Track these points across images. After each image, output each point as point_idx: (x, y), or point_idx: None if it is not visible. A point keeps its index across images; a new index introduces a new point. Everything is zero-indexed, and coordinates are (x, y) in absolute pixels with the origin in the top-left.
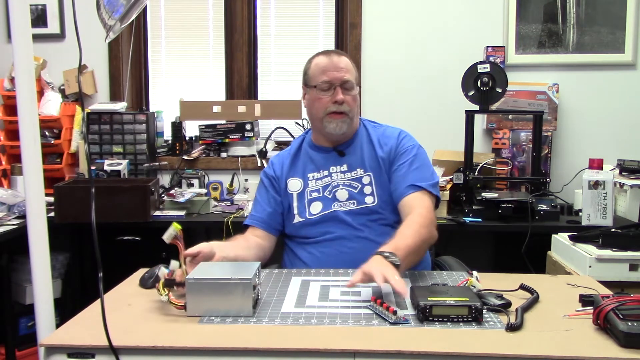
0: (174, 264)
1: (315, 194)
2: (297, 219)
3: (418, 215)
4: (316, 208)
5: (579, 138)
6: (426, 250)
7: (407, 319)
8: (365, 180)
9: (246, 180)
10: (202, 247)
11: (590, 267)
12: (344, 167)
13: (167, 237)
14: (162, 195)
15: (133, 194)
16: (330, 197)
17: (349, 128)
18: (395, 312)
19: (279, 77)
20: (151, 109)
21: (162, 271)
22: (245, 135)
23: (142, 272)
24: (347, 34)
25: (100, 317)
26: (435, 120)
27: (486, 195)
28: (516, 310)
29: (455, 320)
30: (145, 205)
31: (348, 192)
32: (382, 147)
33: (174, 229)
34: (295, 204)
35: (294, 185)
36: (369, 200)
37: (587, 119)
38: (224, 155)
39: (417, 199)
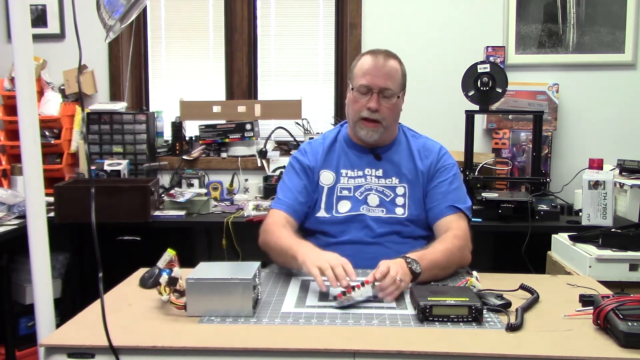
0: (167, 255)
1: (345, 192)
2: (323, 214)
3: (454, 236)
4: (344, 207)
5: (579, 138)
6: (454, 270)
7: (348, 301)
8: (399, 190)
9: (246, 180)
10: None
11: (590, 267)
12: (379, 172)
13: (161, 262)
14: (162, 195)
15: (133, 194)
16: (360, 198)
17: (381, 137)
18: (344, 294)
19: (279, 77)
20: (151, 109)
21: (164, 277)
22: (245, 135)
23: (142, 272)
24: (347, 34)
25: (100, 317)
26: (435, 120)
27: (486, 195)
28: (516, 310)
29: (455, 320)
30: (145, 205)
31: (379, 199)
32: (423, 160)
33: (169, 254)
34: (323, 198)
35: (327, 178)
36: (399, 211)
37: (587, 119)
38: (224, 155)
39: (455, 221)
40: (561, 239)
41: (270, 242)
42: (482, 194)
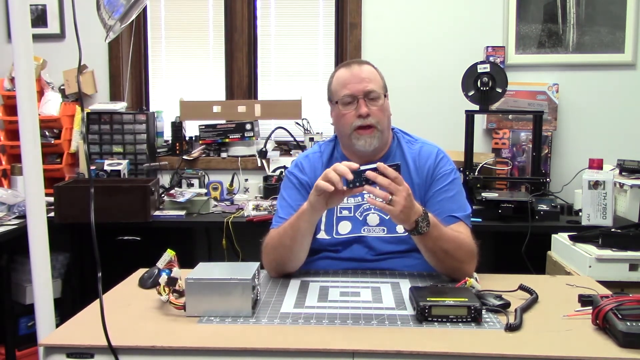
0: (167, 255)
1: (345, 212)
2: (323, 236)
3: (466, 237)
4: (345, 228)
5: (579, 138)
6: (454, 266)
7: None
8: None
9: (246, 180)
10: None
11: (590, 267)
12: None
13: (161, 263)
14: (162, 195)
15: (133, 194)
16: (361, 219)
17: (380, 142)
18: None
19: (279, 77)
20: (151, 109)
21: (163, 277)
22: (245, 135)
23: (141, 272)
24: (347, 34)
25: (99, 317)
26: (435, 120)
27: (486, 195)
28: (515, 310)
29: (455, 320)
30: (145, 205)
31: (379, 217)
32: (418, 170)
33: (169, 254)
34: (323, 219)
35: None
36: (400, 229)
37: (587, 119)
38: (224, 155)
39: (456, 230)
40: (561, 239)
41: (274, 244)
42: (482, 194)
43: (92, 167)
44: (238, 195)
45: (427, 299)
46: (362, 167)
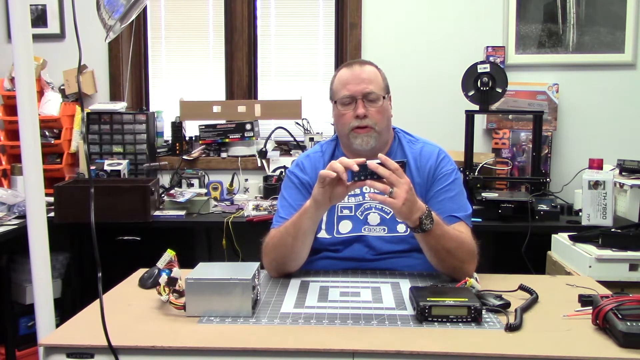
0: (167, 255)
1: (346, 212)
2: (324, 235)
3: (467, 237)
4: (345, 227)
5: (579, 138)
6: (455, 266)
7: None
8: None
9: (246, 180)
10: None
11: (590, 267)
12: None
13: (161, 263)
14: (162, 195)
15: (133, 194)
16: (361, 218)
17: (377, 142)
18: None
19: (279, 77)
20: (151, 109)
21: (163, 278)
22: (245, 135)
23: (141, 272)
24: (347, 34)
25: (99, 317)
26: (435, 120)
27: (486, 195)
28: (515, 310)
29: (455, 320)
30: (145, 205)
31: (380, 217)
32: (419, 170)
33: (169, 254)
34: (324, 218)
35: None
36: (401, 228)
37: (587, 119)
38: (224, 155)
39: (456, 230)
40: (561, 239)
41: (275, 243)
42: (482, 194)
43: (92, 167)
44: (238, 195)
45: (427, 299)
46: (366, 162)
